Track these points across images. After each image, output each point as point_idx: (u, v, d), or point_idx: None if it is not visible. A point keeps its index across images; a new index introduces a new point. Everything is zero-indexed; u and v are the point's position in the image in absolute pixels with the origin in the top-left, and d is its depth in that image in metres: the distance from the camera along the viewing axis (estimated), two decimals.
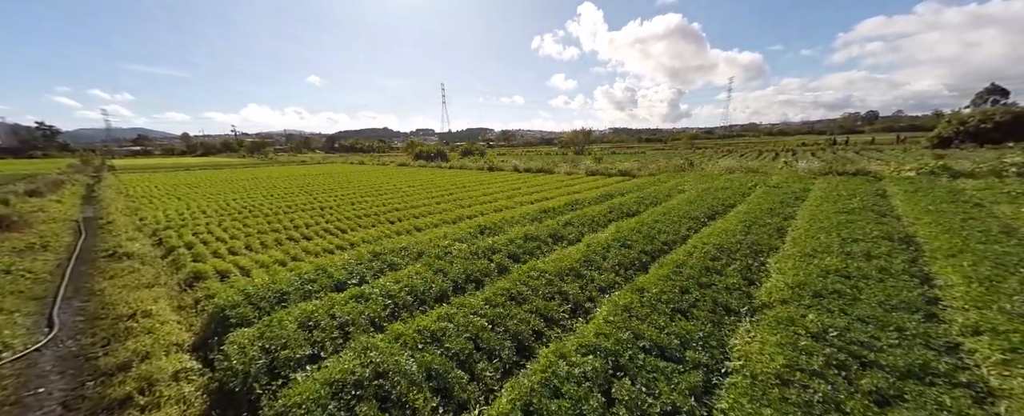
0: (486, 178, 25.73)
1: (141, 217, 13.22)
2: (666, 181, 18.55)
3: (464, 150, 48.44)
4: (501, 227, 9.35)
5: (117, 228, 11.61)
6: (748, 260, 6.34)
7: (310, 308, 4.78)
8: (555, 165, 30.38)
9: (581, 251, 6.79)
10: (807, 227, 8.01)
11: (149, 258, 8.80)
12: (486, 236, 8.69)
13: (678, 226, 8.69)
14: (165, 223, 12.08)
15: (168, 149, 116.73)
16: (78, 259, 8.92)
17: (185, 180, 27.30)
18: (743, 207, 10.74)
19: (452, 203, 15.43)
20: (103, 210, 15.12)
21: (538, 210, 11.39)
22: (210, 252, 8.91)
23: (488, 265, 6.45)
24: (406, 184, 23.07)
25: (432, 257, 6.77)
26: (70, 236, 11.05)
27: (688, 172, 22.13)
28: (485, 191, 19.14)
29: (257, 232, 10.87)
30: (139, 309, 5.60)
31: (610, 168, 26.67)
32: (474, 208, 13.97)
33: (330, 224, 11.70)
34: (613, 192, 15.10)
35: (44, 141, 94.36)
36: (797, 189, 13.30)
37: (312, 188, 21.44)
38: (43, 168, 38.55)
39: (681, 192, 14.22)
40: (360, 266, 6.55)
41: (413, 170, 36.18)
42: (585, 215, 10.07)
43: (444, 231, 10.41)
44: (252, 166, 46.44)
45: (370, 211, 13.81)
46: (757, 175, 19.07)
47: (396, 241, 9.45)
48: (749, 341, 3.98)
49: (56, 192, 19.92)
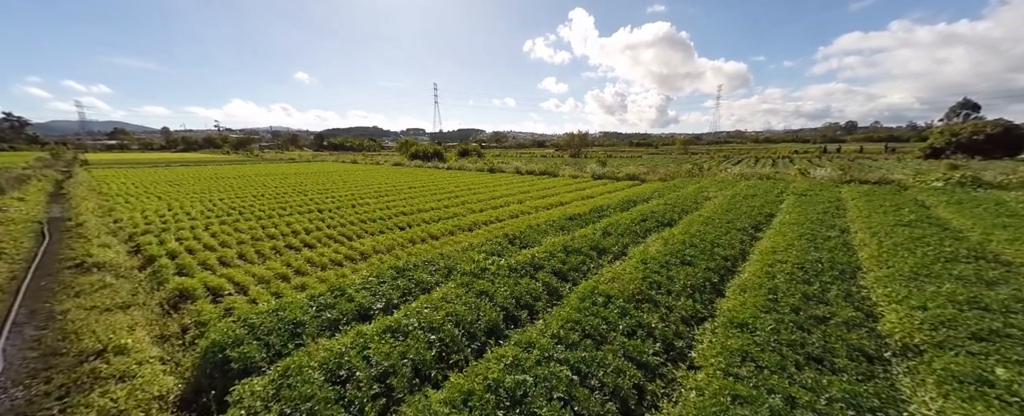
0: (489, 180, 24.74)
1: (116, 219, 11.81)
2: (683, 187, 17.88)
3: (461, 150, 47.32)
4: (530, 236, 8.39)
5: (88, 231, 10.22)
6: (842, 284, 5.51)
7: (337, 348, 3.75)
8: (558, 168, 29.60)
9: (638, 269, 5.90)
10: (879, 243, 7.28)
11: (124, 269, 7.55)
12: (516, 247, 7.73)
13: (728, 237, 7.88)
14: (144, 226, 10.74)
15: (147, 144, 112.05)
16: (38, 270, 7.60)
17: (166, 177, 25.51)
18: (784, 217, 10.03)
19: (461, 207, 14.41)
20: (72, 210, 13.58)
21: (562, 216, 10.47)
22: (197, 263, 7.71)
23: (534, 286, 5.49)
24: (407, 185, 21.91)
25: (467, 275, 5.77)
26: (31, 241, 9.63)
27: (702, 178, 21.57)
28: (492, 194, 18.17)
29: (251, 239, 9.66)
30: (110, 343, 4.45)
31: (616, 172, 26.00)
32: (488, 213, 12.98)
33: (333, 230, 10.55)
34: (633, 198, 14.30)
35: (11, 133, 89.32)
36: (829, 198, 12.71)
37: (306, 188, 20.09)
38: (8, 162, 35.84)
39: (707, 199, 13.50)
40: (383, 285, 5.51)
41: (410, 170, 34.92)
42: (618, 224, 9.19)
43: (464, 240, 9.41)
44: (238, 163, 44.34)
45: (375, 215, 12.68)
46: (774, 182, 18.56)
47: (415, 252, 8.41)
48: (938, 412, 3.01)
49: (19, 189, 18.11)
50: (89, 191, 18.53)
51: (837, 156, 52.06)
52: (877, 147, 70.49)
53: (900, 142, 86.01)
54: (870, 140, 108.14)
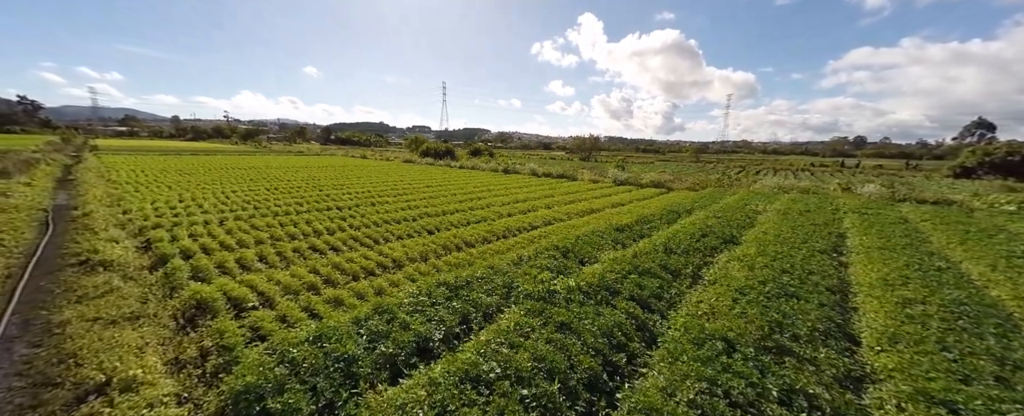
0: (506, 181, 23.87)
1: (125, 210, 11.06)
2: (721, 197, 16.88)
3: (473, 150, 46.50)
4: (584, 250, 7.50)
5: (94, 223, 9.48)
6: (998, 323, 4.58)
7: (405, 402, 2.90)
8: (575, 171, 28.64)
9: (736, 300, 5.01)
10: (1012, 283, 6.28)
11: (133, 269, 6.76)
12: (572, 262, 6.85)
13: (816, 262, 6.93)
14: (154, 219, 9.98)
15: (156, 131, 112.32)
16: (38, 267, 6.83)
17: (176, 165, 24.87)
18: (861, 239, 9.04)
19: (486, 209, 13.56)
20: (79, 198, 12.88)
21: (609, 227, 9.58)
22: (214, 265, 6.90)
23: (618, 317, 4.61)
24: (423, 183, 21.09)
25: (533, 299, 4.91)
26: (33, 231, 8.89)
27: (735, 188, 20.57)
28: (514, 196, 17.30)
29: (270, 238, 8.85)
30: (116, 373, 3.63)
31: (638, 178, 25.04)
32: (518, 219, 12.11)
33: (357, 232, 9.73)
34: (674, 208, 13.35)
35: (24, 116, 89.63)
36: (894, 218, 11.60)
37: (321, 183, 19.33)
38: (18, 144, 35.41)
39: (756, 212, 12.55)
40: (437, 308, 4.66)
41: (422, 168, 34.14)
42: (677, 240, 8.28)
43: (502, 248, 8.53)
44: (247, 154, 43.78)
45: (397, 215, 11.86)
46: (819, 196, 17.50)
47: (452, 262, 7.55)
48: None
49: (27, 173, 17.47)
50: (98, 178, 17.87)
51: (859, 172, 50.67)
52: (896, 164, 68.84)
53: (912, 159, 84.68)
54: (881, 156, 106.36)
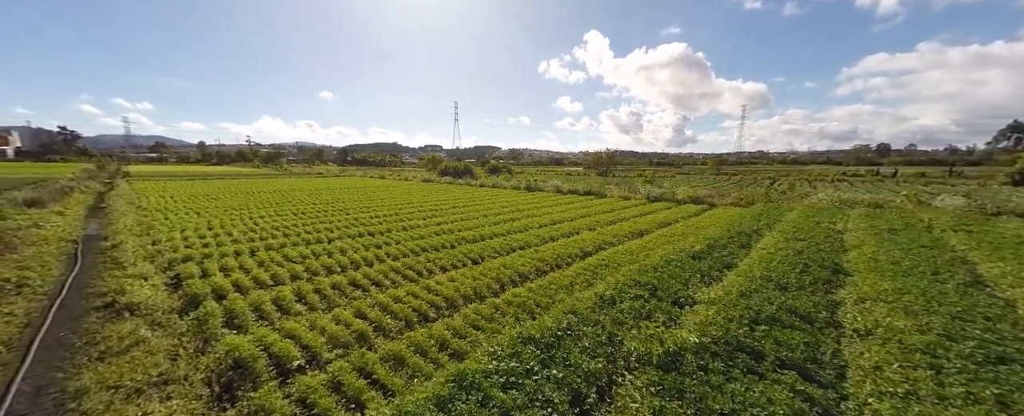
0: (534, 200, 23.03)
1: (154, 240, 10.59)
2: (780, 215, 15.49)
3: (491, 167, 46.12)
4: (669, 285, 6.44)
5: (123, 255, 8.97)
6: None
7: None
8: (602, 188, 27.59)
9: (935, 371, 3.90)
10: None
11: (162, 313, 6.05)
12: (664, 302, 5.79)
13: (985, 304, 5.62)
14: (183, 250, 9.43)
15: (183, 157, 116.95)
16: (61, 309, 6.20)
17: (203, 190, 25.00)
18: (997, 266, 7.61)
19: (526, 232, 12.65)
20: (110, 226, 12.58)
21: (682, 253, 8.49)
22: (249, 306, 6.15)
23: (784, 398, 3.51)
24: (449, 204, 20.43)
25: (653, 365, 3.91)
26: (61, 266, 8.39)
27: (790, 203, 19.16)
28: (549, 216, 16.36)
29: (306, 271, 8.12)
30: None
31: (673, 193, 23.81)
32: (565, 244, 11.11)
33: (396, 261, 8.92)
34: (737, 228, 12.07)
35: (64, 146, 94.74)
36: (1011, 238, 10.11)
37: (345, 205, 18.88)
38: (58, 172, 36.77)
39: (839, 232, 11.22)
40: (533, 379, 3.70)
41: (442, 187, 33.71)
42: (776, 269, 7.12)
43: (564, 281, 7.51)
44: (269, 177, 44.43)
45: (434, 241, 11.06)
46: (894, 211, 15.95)
47: (513, 301, 6.56)
48: None
49: (61, 201, 17.56)
50: (128, 205, 17.83)
51: (903, 181, 47.88)
52: (934, 171, 65.16)
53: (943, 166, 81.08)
54: (910, 163, 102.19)
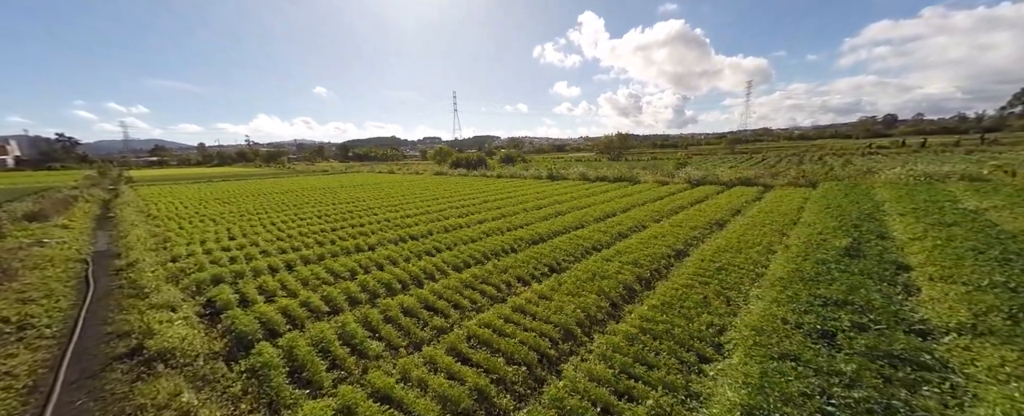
0: (564, 189, 21.51)
1: (174, 255, 9.27)
2: (859, 194, 13.94)
3: (505, 157, 44.45)
4: (868, 302, 5.04)
5: (142, 276, 7.67)
6: None
7: None
8: (632, 173, 25.97)
9: None
10: None
11: (204, 362, 4.74)
12: (896, 330, 4.41)
13: None
14: (210, 267, 8.12)
15: (184, 159, 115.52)
16: (74, 360, 4.90)
17: (211, 193, 23.67)
18: None
19: (585, 229, 11.25)
20: (122, 239, 11.29)
21: (823, 250, 7.10)
22: (313, 345, 4.84)
23: None
24: (476, 198, 19.00)
25: None
26: (71, 295, 7.10)
27: (858, 180, 17.58)
28: (602, 209, 14.56)
29: (362, 290, 6.77)
30: None
31: (714, 176, 22.21)
32: (643, 240, 9.63)
33: (462, 274, 7.57)
34: (845, 212, 10.55)
35: (63, 153, 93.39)
36: None
37: (368, 204, 17.51)
38: (59, 180, 35.52)
39: (979, 212, 9.70)
40: None
41: (458, 180, 32.23)
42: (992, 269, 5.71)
43: (700, 295, 6.13)
44: (274, 176, 43.04)
45: (488, 243, 9.66)
46: (994, 184, 14.39)
47: (657, 329, 5.19)
48: None
49: (65, 213, 16.26)
50: (137, 213, 16.54)
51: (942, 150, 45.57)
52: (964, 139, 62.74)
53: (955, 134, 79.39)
54: (921, 133, 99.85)
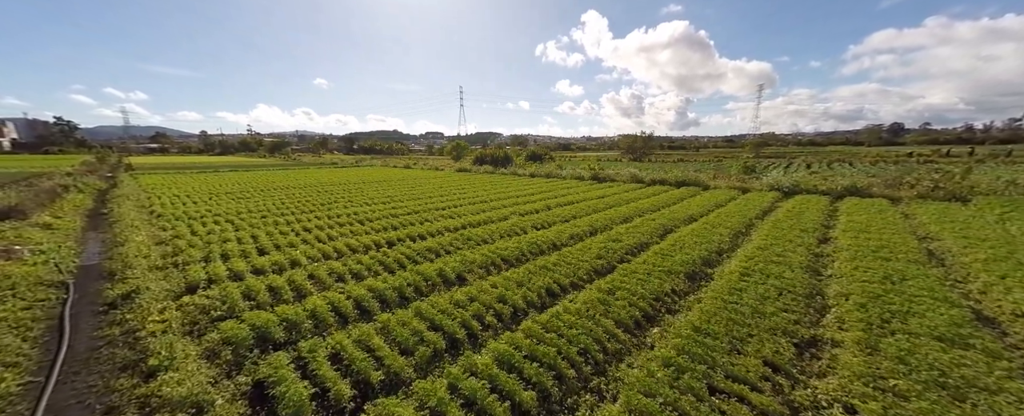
0: (623, 193, 18.67)
1: (189, 282, 6.64)
2: (1004, 208, 11.38)
3: (532, 154, 41.81)
4: None
5: (146, 322, 5.07)
6: None
7: None
8: (697, 177, 22.99)
9: None
10: None
11: None
12: None
13: None
14: (247, 312, 5.50)
15: (185, 147, 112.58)
16: None
17: (221, 186, 21.00)
18: None
19: (708, 243, 8.63)
20: (117, 249, 8.63)
21: None
22: None
23: None
24: (520, 199, 16.19)
25: None
26: (32, 357, 4.47)
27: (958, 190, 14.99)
28: (707, 221, 12.11)
29: (469, 335, 4.16)
30: None
31: (809, 183, 18.80)
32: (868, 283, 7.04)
33: (576, 303, 4.96)
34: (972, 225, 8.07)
35: (61, 136, 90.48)
36: None
37: (404, 204, 14.84)
38: (54, 165, 32.79)
39: None
40: None
41: (487, 177, 29.49)
42: None
43: None
44: (282, 168, 40.29)
45: (584, 261, 7.03)
46: None
47: None
48: None
49: (50, 206, 13.58)
50: (138, 209, 13.90)
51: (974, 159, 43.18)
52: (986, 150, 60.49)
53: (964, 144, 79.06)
54: (935, 143, 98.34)
